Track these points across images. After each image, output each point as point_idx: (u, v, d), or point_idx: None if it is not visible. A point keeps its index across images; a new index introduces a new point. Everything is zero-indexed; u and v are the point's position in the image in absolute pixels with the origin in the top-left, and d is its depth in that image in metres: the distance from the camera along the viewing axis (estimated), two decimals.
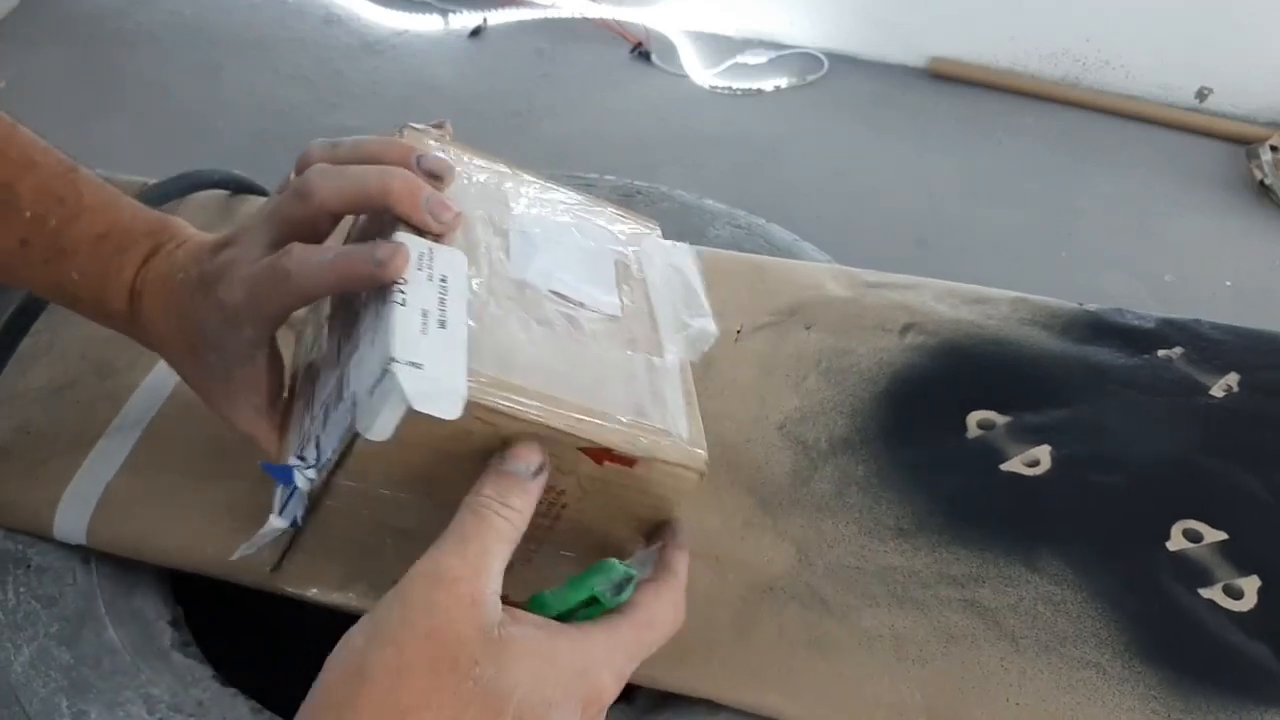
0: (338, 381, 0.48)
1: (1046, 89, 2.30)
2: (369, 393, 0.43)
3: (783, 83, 2.34)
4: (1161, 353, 0.71)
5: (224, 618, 0.65)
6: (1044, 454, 0.66)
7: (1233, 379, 0.69)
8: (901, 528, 0.62)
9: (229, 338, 0.53)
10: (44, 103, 2.20)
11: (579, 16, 2.48)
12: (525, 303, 0.50)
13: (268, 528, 0.50)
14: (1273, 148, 2.09)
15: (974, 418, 0.68)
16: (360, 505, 0.48)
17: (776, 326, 0.74)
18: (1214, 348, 0.72)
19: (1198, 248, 1.97)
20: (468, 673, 0.39)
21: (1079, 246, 1.96)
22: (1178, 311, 0.75)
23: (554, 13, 2.50)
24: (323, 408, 0.50)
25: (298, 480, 0.48)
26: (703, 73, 2.36)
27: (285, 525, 0.50)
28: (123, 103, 2.22)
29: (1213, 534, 0.61)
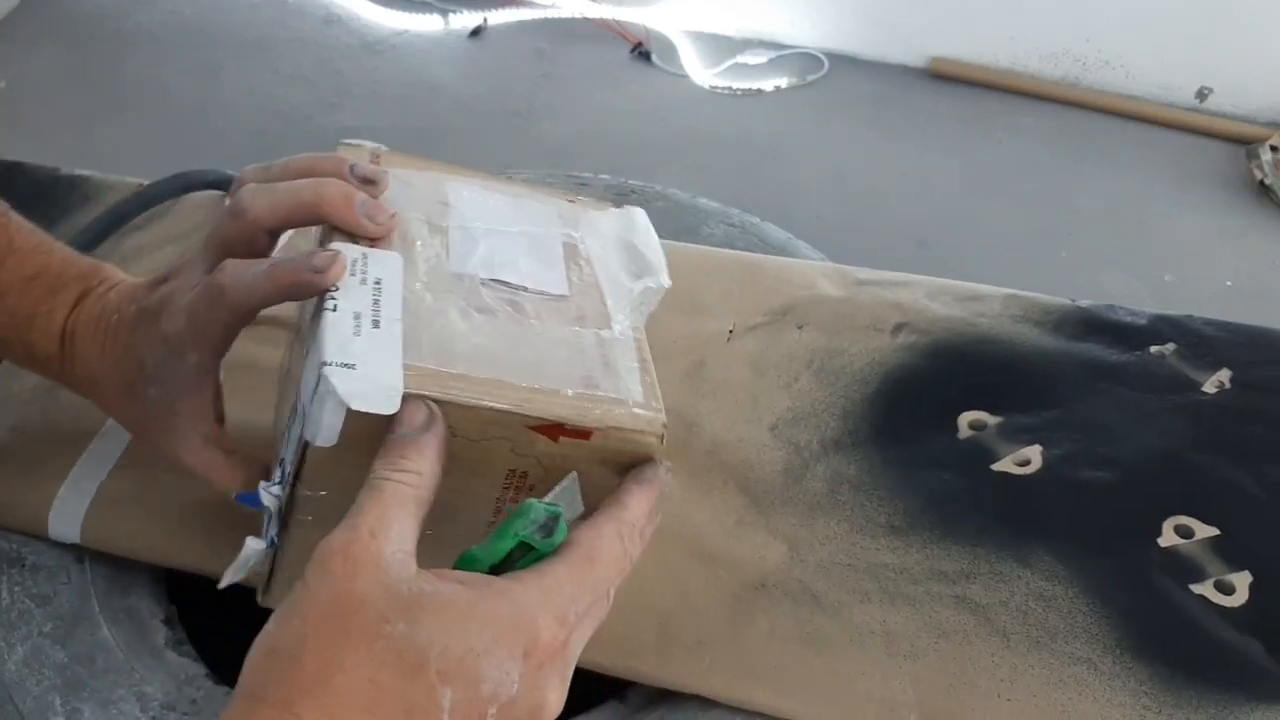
0: (295, 398, 0.48)
1: (1046, 89, 2.30)
2: (310, 400, 0.44)
3: (783, 83, 2.34)
4: (1154, 349, 0.72)
5: (218, 616, 0.65)
6: (1035, 453, 0.66)
7: (1225, 375, 0.70)
8: (893, 525, 0.63)
9: (173, 368, 0.53)
10: (44, 103, 2.21)
11: (579, 16, 2.48)
12: (464, 293, 0.50)
13: (247, 550, 0.50)
14: (1273, 148, 2.09)
15: (965, 418, 0.68)
16: (329, 515, 0.48)
17: (769, 326, 0.75)
18: (1206, 344, 0.72)
19: (1197, 248, 1.97)
20: (378, 631, 0.38)
21: (1079, 246, 1.96)
22: (1178, 312, 0.75)
23: (554, 13, 2.50)
24: (286, 426, 0.50)
25: (265, 500, 0.49)
26: (703, 73, 2.36)
27: (263, 546, 0.50)
28: (123, 103, 2.22)
29: (1204, 530, 0.62)
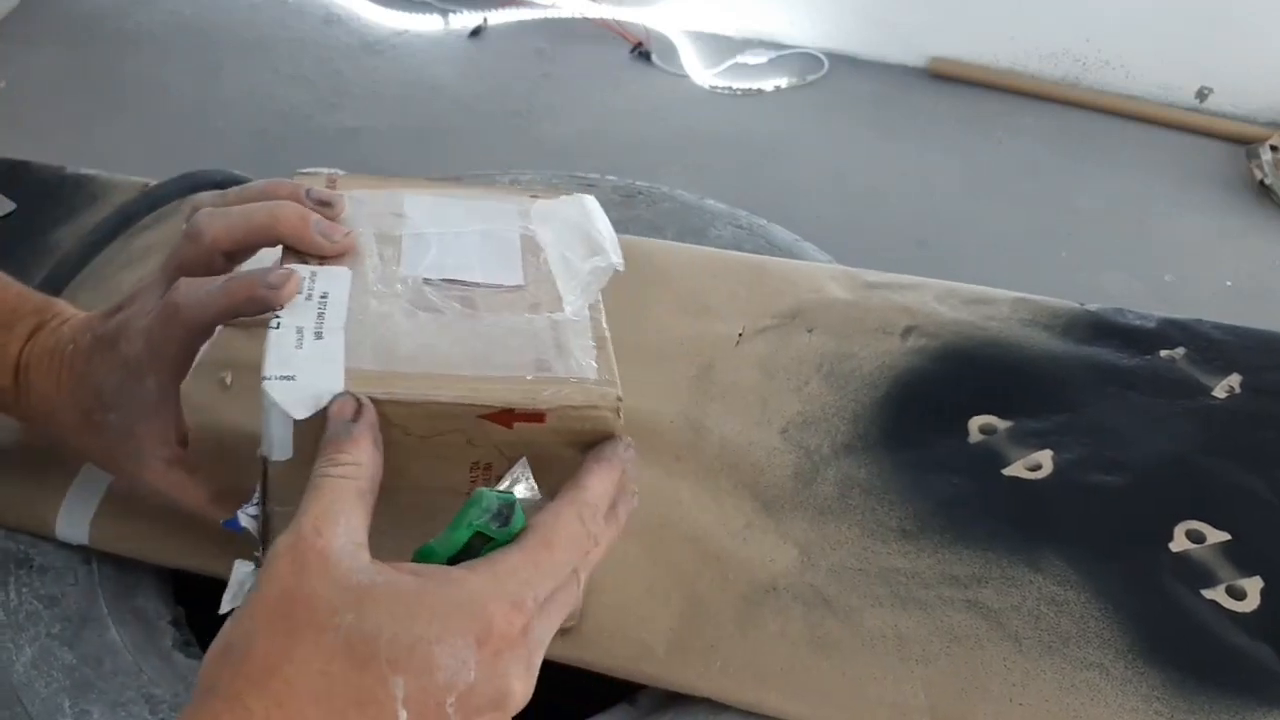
0: None
1: (1046, 89, 2.30)
2: (263, 418, 0.45)
3: (783, 83, 2.34)
4: (1164, 353, 0.71)
5: (226, 618, 0.65)
6: (1045, 458, 0.66)
7: (1235, 380, 0.70)
8: (904, 529, 0.63)
9: (132, 392, 0.53)
10: (44, 103, 2.20)
11: (579, 16, 2.48)
12: (411, 296, 0.51)
13: (237, 574, 0.50)
14: (1273, 148, 2.09)
15: (975, 422, 0.68)
16: None
17: (778, 330, 0.74)
18: (1216, 348, 0.72)
19: (1198, 248, 1.97)
20: (326, 623, 0.39)
21: (1079, 246, 1.96)
22: (1178, 311, 0.75)
23: (554, 13, 2.50)
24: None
25: (244, 523, 0.49)
26: (703, 73, 2.35)
27: (251, 568, 0.50)
28: (123, 103, 2.21)
29: (1215, 535, 0.62)
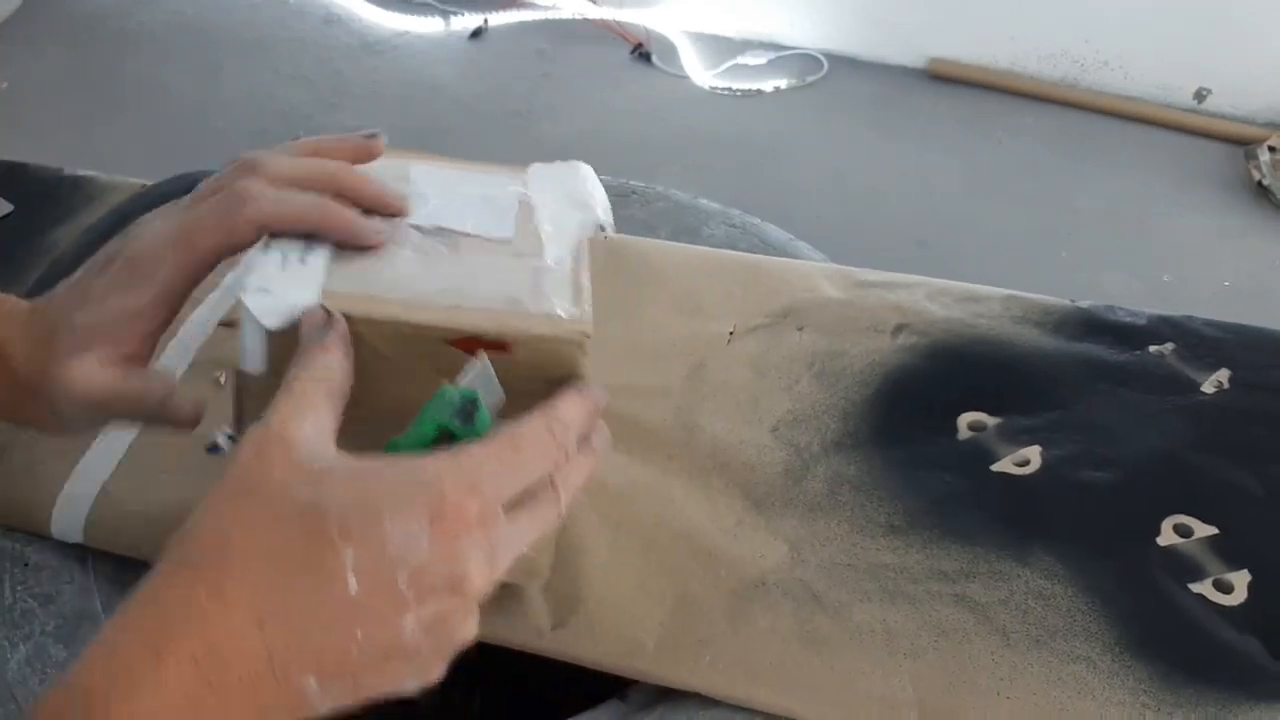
0: None
1: (1046, 89, 2.30)
2: (239, 331, 0.46)
3: (782, 83, 2.34)
4: (1153, 348, 0.72)
5: None
6: (1034, 454, 0.66)
7: (1224, 375, 0.70)
8: (893, 525, 0.63)
9: (141, 271, 0.51)
10: (45, 103, 2.21)
11: (579, 17, 2.49)
12: (399, 239, 0.51)
13: None
14: (1271, 148, 2.10)
15: (965, 419, 0.68)
16: None
17: (769, 328, 0.75)
18: (1205, 344, 0.72)
19: (1197, 248, 1.98)
20: (280, 495, 0.40)
21: (1078, 246, 1.96)
22: (1177, 312, 0.75)
23: (554, 14, 2.51)
24: None
25: (220, 442, 0.51)
26: (703, 73, 2.36)
27: None
28: (123, 103, 2.22)
29: (1203, 529, 0.62)
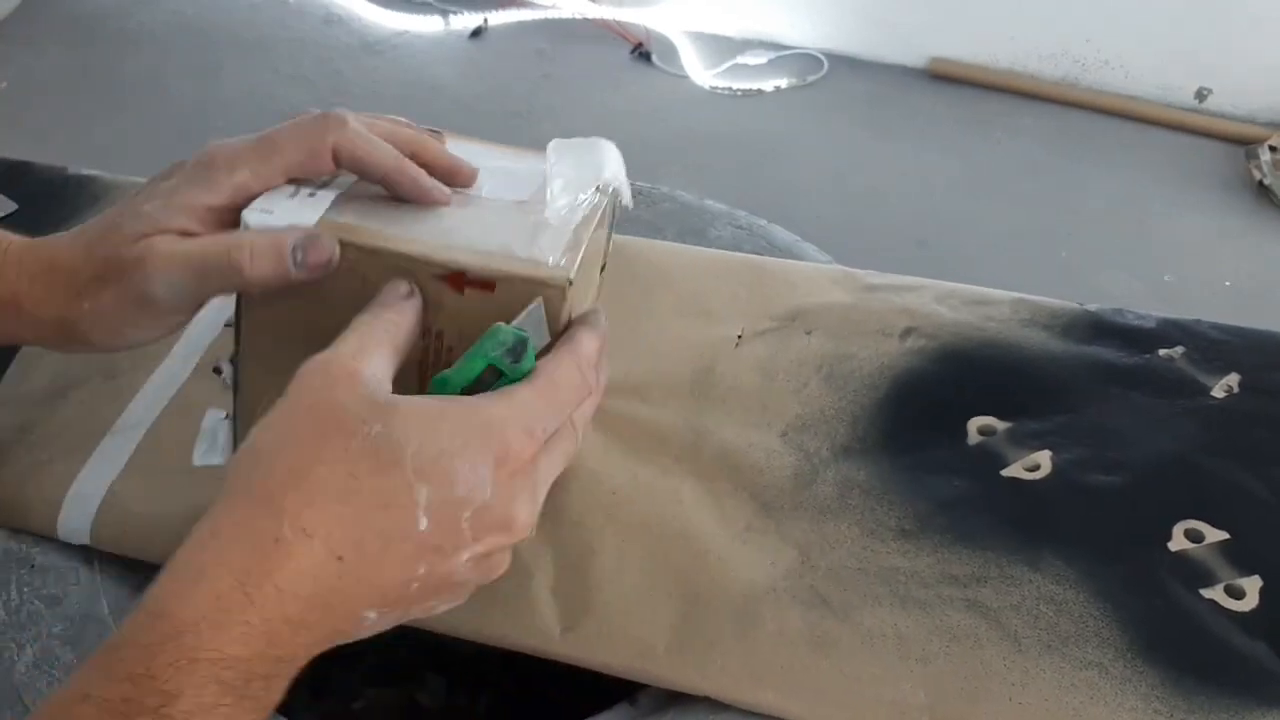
0: None
1: (1046, 89, 2.30)
2: None
3: (783, 83, 2.34)
4: (1163, 352, 0.72)
5: None
6: (1044, 458, 0.66)
7: (1233, 379, 0.70)
8: (904, 529, 0.63)
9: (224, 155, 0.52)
10: (45, 103, 2.21)
11: (579, 17, 2.49)
12: None
13: (208, 420, 0.54)
14: (1271, 148, 2.10)
15: (974, 424, 0.68)
16: (268, 380, 0.50)
17: (777, 332, 0.74)
18: (1215, 348, 0.72)
19: (1197, 248, 1.98)
20: (355, 430, 0.41)
21: (1079, 246, 1.96)
22: (1177, 311, 0.75)
23: (554, 13, 2.51)
24: None
25: (224, 369, 0.54)
26: (703, 73, 2.36)
27: (222, 415, 0.53)
28: (123, 103, 2.22)
29: (1214, 534, 0.62)
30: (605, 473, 0.65)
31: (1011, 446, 0.67)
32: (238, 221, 0.51)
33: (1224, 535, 0.62)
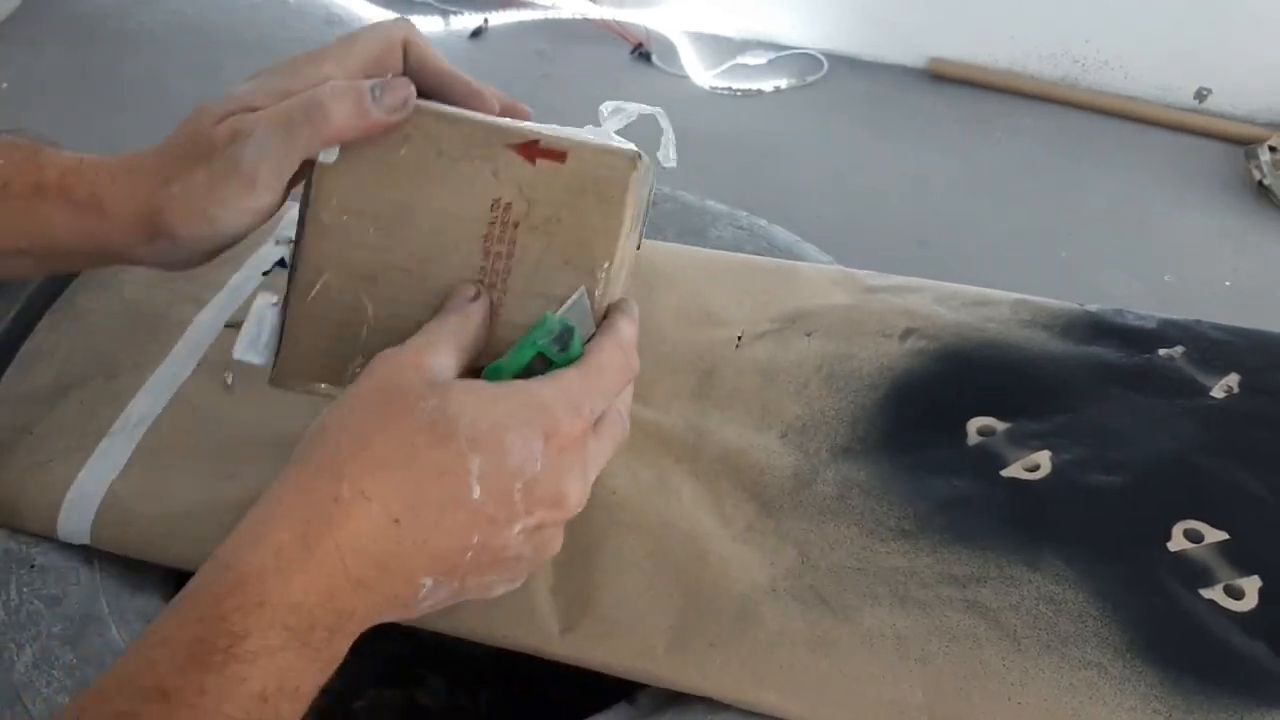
0: None
1: (1046, 89, 2.30)
2: None
3: (782, 83, 2.34)
4: (1162, 352, 0.72)
5: None
6: (1044, 459, 0.66)
7: (1233, 380, 0.70)
8: (903, 529, 0.63)
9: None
10: (45, 103, 2.20)
11: (579, 17, 2.48)
12: None
13: (256, 306, 0.54)
14: (1271, 148, 2.10)
15: (974, 424, 0.68)
16: (329, 255, 0.52)
17: (777, 334, 0.75)
18: (1215, 348, 0.72)
19: (1197, 248, 1.97)
20: (414, 406, 0.44)
21: (1079, 246, 1.96)
22: (1177, 311, 0.75)
23: (555, 14, 2.50)
24: None
25: (284, 254, 0.54)
26: (703, 73, 2.36)
27: (271, 302, 0.54)
28: (123, 103, 2.21)
29: (1214, 534, 0.62)
30: (606, 473, 0.64)
31: (1011, 447, 0.67)
32: None
33: (1223, 535, 0.62)
